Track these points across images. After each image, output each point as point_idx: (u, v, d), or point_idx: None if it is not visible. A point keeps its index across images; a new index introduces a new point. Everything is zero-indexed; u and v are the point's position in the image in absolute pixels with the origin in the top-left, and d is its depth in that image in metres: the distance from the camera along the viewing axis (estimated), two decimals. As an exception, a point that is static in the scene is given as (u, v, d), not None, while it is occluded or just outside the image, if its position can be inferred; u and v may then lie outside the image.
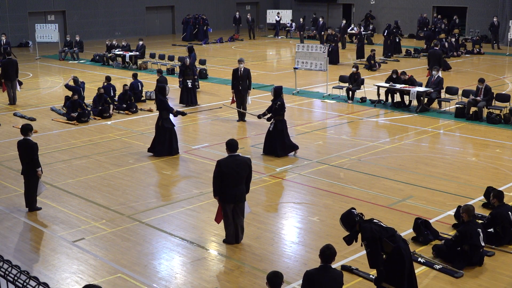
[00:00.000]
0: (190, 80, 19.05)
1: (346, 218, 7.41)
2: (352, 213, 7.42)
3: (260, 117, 14.26)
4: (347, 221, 7.39)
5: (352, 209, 7.52)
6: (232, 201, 9.12)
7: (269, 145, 13.86)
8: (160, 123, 13.75)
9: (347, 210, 7.55)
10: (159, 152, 13.81)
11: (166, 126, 13.72)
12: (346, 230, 7.45)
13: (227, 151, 9.13)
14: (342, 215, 7.50)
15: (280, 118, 13.68)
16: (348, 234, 7.42)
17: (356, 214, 7.40)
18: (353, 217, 7.35)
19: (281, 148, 13.70)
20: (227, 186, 9.02)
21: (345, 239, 7.43)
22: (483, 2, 36.83)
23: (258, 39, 39.48)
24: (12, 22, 35.11)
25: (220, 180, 9.00)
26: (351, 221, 7.35)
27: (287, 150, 13.80)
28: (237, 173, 9.01)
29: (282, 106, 13.61)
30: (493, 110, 17.35)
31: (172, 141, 13.84)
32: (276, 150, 13.69)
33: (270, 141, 13.82)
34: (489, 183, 11.50)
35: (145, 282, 8.25)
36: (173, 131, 13.87)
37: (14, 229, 10.05)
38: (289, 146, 13.80)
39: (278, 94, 13.70)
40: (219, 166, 9.00)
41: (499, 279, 8.33)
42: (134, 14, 40.11)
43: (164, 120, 13.75)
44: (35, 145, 10.57)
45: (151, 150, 13.98)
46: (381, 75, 24.27)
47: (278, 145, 13.68)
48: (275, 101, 13.68)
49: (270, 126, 13.79)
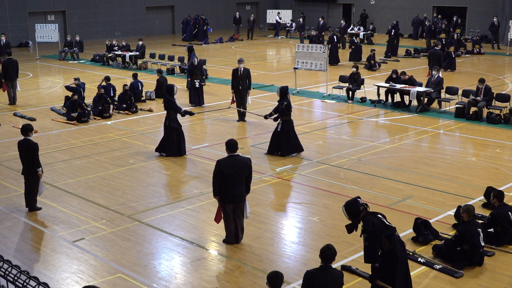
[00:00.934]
0: (198, 80, 19.05)
1: (351, 206, 7.33)
2: (357, 202, 7.34)
3: (267, 118, 14.22)
4: (351, 208, 7.32)
5: (357, 198, 7.46)
6: (232, 201, 9.12)
7: (275, 145, 13.84)
8: (168, 122, 13.77)
9: (353, 198, 7.48)
10: (169, 152, 13.82)
11: (173, 126, 13.73)
12: (349, 218, 7.37)
13: (227, 151, 9.13)
14: (346, 202, 7.42)
15: (287, 119, 13.66)
16: (351, 223, 7.37)
17: (361, 203, 7.36)
18: (358, 206, 7.29)
19: (286, 147, 13.71)
20: (227, 186, 9.01)
21: (347, 227, 7.39)
22: (483, 2, 36.84)
23: (257, 39, 39.46)
24: (12, 22, 35.11)
25: (220, 180, 8.99)
26: (355, 210, 7.29)
27: (292, 150, 13.80)
28: (237, 173, 9.00)
29: (288, 106, 13.58)
30: (493, 110, 17.35)
31: (180, 141, 13.84)
32: (282, 149, 13.71)
33: (276, 141, 13.81)
34: (489, 183, 11.50)
35: (145, 282, 8.25)
36: (180, 131, 13.87)
37: (14, 229, 10.05)
38: (294, 146, 13.80)
39: (285, 94, 13.67)
40: (218, 166, 9.00)
41: (499, 279, 8.33)
42: (134, 14, 40.12)
43: (171, 120, 13.76)
44: (36, 145, 10.57)
45: (160, 150, 13.97)
46: (381, 75, 24.27)
47: (283, 144, 13.69)
48: (281, 101, 13.63)
49: (278, 127, 13.76)
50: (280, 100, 13.68)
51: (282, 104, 13.58)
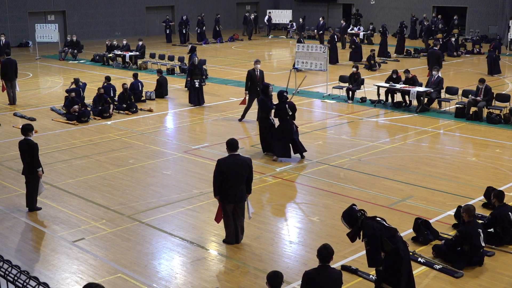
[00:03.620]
0: (197, 80, 19.03)
1: (348, 214, 7.36)
2: (353, 209, 7.38)
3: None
4: (349, 217, 7.35)
5: (353, 205, 7.48)
6: (233, 201, 9.09)
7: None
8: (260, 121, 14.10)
9: (348, 207, 7.52)
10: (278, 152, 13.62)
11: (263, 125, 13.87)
12: (348, 227, 7.40)
13: (228, 150, 9.11)
14: (343, 212, 7.46)
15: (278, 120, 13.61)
16: (351, 231, 7.37)
17: (358, 210, 7.38)
18: (355, 213, 7.32)
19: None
20: (228, 186, 8.99)
21: (348, 236, 7.40)
22: (483, 2, 36.84)
23: (256, 39, 39.44)
24: (12, 22, 35.11)
25: (220, 179, 8.97)
26: (353, 218, 7.32)
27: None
28: (237, 172, 8.98)
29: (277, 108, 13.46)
30: (493, 110, 17.35)
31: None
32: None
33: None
34: (489, 183, 11.50)
35: (145, 282, 8.25)
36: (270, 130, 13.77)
37: (14, 229, 10.05)
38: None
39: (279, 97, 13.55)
40: (219, 166, 8.98)
41: (499, 279, 8.33)
42: (134, 14, 40.11)
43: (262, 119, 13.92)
44: (36, 145, 10.58)
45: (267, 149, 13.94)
46: (381, 75, 24.27)
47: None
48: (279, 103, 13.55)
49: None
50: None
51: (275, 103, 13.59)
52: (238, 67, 27.11)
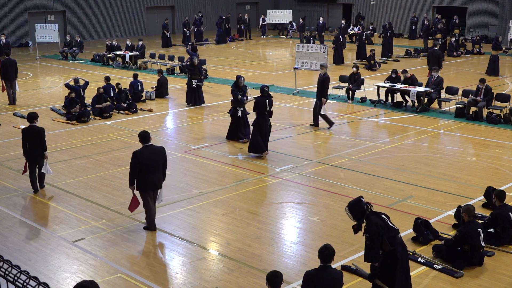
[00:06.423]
0: (195, 80, 19.04)
1: (355, 206, 7.21)
2: (361, 201, 7.23)
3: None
4: (355, 209, 7.19)
5: (360, 197, 7.38)
6: (152, 188, 9.68)
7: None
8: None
9: (356, 198, 7.36)
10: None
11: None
12: (353, 219, 7.28)
13: (141, 142, 9.70)
14: (350, 202, 7.30)
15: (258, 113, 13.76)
16: (356, 223, 7.29)
17: (365, 203, 7.29)
18: (362, 206, 7.20)
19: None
20: (146, 174, 9.55)
21: (353, 227, 7.33)
22: (483, 2, 36.84)
23: (255, 39, 39.44)
24: (12, 22, 35.11)
25: (137, 170, 9.51)
26: (359, 210, 7.19)
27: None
28: (154, 161, 9.59)
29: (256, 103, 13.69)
30: (493, 110, 17.35)
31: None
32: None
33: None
34: (489, 183, 11.50)
35: (144, 282, 8.25)
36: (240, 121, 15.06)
37: (14, 229, 10.05)
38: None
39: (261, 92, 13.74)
40: (136, 157, 9.53)
41: (499, 279, 8.32)
42: (134, 14, 40.12)
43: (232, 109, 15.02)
44: (43, 129, 11.51)
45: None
46: (381, 75, 24.27)
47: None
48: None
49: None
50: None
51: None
52: (238, 67, 27.11)
